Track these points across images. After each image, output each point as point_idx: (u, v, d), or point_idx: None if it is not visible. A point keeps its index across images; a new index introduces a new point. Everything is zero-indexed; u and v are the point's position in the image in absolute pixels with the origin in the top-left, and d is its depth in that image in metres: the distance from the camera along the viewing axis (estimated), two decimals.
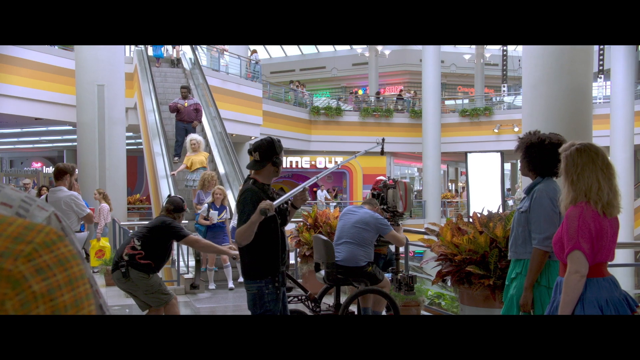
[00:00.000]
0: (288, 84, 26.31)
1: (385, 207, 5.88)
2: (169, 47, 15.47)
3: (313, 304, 5.28)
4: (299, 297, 5.27)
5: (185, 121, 11.40)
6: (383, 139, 5.70)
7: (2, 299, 0.52)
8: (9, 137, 21.63)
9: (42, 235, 0.57)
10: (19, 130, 18.87)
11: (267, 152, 3.53)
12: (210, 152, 12.26)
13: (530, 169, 3.34)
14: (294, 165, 26.07)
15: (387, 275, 5.72)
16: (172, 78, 14.88)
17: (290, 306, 5.21)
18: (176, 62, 15.49)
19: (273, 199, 3.43)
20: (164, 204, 5.33)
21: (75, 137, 11.91)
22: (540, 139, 3.28)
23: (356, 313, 5.57)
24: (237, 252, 5.10)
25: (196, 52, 16.32)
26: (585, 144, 2.70)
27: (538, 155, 3.27)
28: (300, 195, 3.61)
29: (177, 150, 11.74)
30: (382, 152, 5.29)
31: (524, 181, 10.85)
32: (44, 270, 0.55)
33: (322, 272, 5.44)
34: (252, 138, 19.55)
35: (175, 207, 5.16)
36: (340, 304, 5.26)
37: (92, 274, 1.47)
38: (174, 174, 10.62)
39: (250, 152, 3.59)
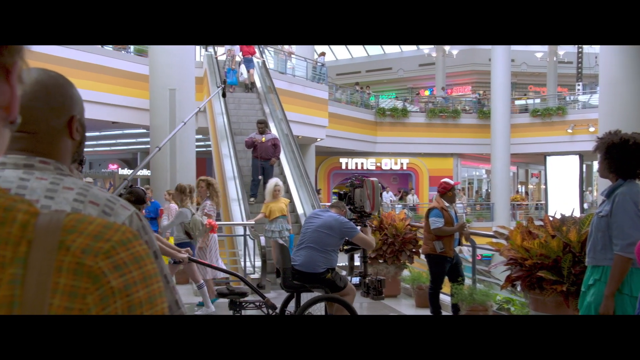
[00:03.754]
0: (354, 86, 26.30)
1: (352, 207, 5.64)
2: (243, 71, 15.12)
3: (270, 310, 5.04)
4: (256, 303, 5.06)
5: (262, 158, 10.49)
6: (225, 81, 5.65)
7: (84, 293, 0.55)
8: (89, 140, 22.75)
9: (119, 234, 0.60)
10: (97, 133, 19.78)
11: None
12: (282, 172, 11.91)
13: (611, 171, 3.14)
14: (359, 167, 25.97)
15: (355, 280, 5.49)
16: (246, 104, 14.51)
17: (248, 312, 5.07)
18: (250, 87, 14.94)
19: None
20: (125, 194, 5.20)
21: (148, 139, 12.34)
22: (623, 139, 3.08)
23: None
24: (185, 256, 4.98)
25: (264, 56, 16.57)
26: None
27: (620, 156, 3.07)
28: None
29: (253, 191, 10.81)
30: (224, 95, 5.32)
31: (601, 184, 10.30)
32: (121, 267, 0.58)
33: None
34: (318, 140, 19.65)
35: (136, 198, 4.96)
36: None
37: (168, 271, 1.48)
38: (252, 227, 9.09)
39: None
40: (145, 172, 22.43)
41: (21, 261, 0.55)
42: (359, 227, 5.28)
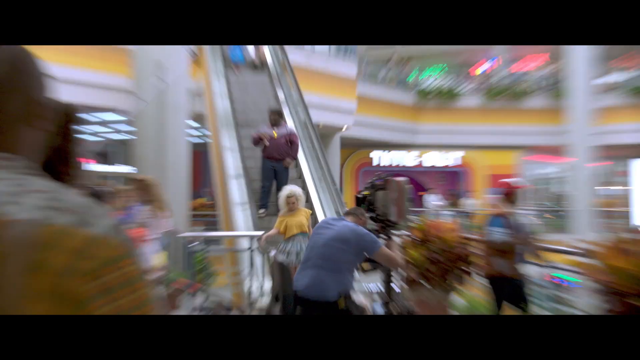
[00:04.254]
0: (388, 60, 26.26)
1: (373, 214, 5.50)
2: (250, 48, 14.81)
3: None
4: None
5: (274, 158, 10.12)
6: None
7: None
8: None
9: (108, 249, 0.64)
10: None
11: None
12: (300, 176, 11.78)
13: None
14: (394, 163, 25.83)
15: (377, 308, 5.45)
16: (255, 88, 14.23)
17: None
18: (260, 66, 14.64)
19: None
20: None
21: (128, 128, 12.44)
22: None
23: None
24: None
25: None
26: None
27: None
28: None
29: (263, 200, 10.27)
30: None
31: None
32: (111, 291, 0.60)
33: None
34: (344, 128, 19.64)
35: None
36: None
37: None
38: (260, 241, 8.30)
39: None
40: (130, 169, 22.67)
41: None
42: (382, 241, 5.11)
